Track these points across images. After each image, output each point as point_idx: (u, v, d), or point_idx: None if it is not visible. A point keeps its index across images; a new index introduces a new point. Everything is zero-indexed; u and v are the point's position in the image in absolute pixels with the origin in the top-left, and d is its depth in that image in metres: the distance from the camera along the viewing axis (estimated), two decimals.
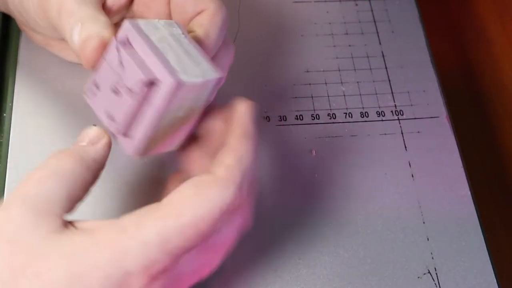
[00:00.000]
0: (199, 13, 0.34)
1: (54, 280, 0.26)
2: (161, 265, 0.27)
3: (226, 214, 0.28)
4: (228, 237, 0.31)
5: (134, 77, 0.29)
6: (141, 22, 0.31)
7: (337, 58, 0.47)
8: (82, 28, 0.32)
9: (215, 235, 0.29)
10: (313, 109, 0.44)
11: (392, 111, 0.45)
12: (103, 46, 0.31)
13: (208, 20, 0.34)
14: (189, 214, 0.27)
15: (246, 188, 0.30)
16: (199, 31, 0.34)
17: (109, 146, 0.31)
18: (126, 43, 0.30)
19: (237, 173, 0.29)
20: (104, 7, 0.36)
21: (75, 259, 0.26)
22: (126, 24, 0.30)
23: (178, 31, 0.32)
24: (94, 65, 0.31)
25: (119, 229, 0.27)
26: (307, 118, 0.44)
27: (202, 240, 0.28)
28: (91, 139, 0.31)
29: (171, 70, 0.28)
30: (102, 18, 0.33)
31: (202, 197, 0.28)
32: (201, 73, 0.30)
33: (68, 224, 0.28)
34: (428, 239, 0.39)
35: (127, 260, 0.26)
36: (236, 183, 0.29)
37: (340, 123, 0.44)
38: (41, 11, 0.35)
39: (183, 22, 0.35)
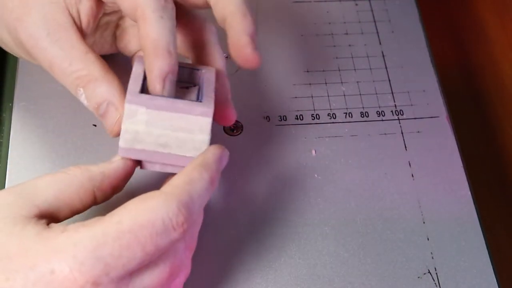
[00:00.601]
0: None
1: None
2: (89, 271, 0.26)
3: (169, 229, 0.28)
4: (178, 255, 0.30)
5: None
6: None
7: (337, 58, 0.47)
8: (86, 93, 0.34)
9: (164, 257, 0.29)
10: (313, 109, 0.44)
11: (392, 111, 0.45)
12: (120, 116, 0.33)
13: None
14: (127, 221, 0.27)
15: (195, 212, 0.30)
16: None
17: (124, 168, 0.32)
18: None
19: (183, 192, 0.29)
20: (83, 32, 0.36)
21: (11, 244, 0.27)
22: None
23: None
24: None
25: (62, 229, 0.27)
26: (307, 118, 0.44)
27: (145, 252, 0.27)
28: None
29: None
30: (95, 66, 0.34)
31: (144, 207, 0.28)
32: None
33: (40, 220, 0.28)
34: (428, 239, 0.39)
35: (54, 258, 0.26)
36: (181, 200, 0.28)
37: (340, 123, 0.44)
38: (31, 59, 0.37)
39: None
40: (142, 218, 0.27)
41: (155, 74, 0.32)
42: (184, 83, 0.36)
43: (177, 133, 0.33)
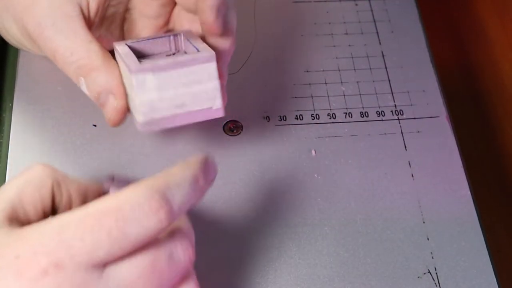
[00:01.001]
0: None
1: None
2: (51, 252, 0.25)
3: (141, 216, 0.26)
4: (164, 260, 0.28)
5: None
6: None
7: (337, 58, 0.47)
8: (86, 82, 0.35)
9: (144, 249, 0.27)
10: (313, 109, 0.44)
11: (392, 111, 0.45)
12: (124, 113, 0.34)
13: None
14: (93, 206, 0.27)
15: (175, 204, 0.27)
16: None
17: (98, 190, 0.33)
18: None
19: (159, 180, 0.28)
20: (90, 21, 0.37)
21: None
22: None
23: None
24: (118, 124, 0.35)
25: (30, 224, 0.27)
26: (307, 118, 0.44)
27: (112, 240, 0.26)
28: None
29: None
30: (97, 55, 0.34)
31: (112, 196, 0.27)
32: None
33: (12, 223, 0.28)
34: (428, 239, 0.39)
35: (19, 244, 0.26)
36: (155, 187, 0.27)
37: (340, 123, 0.44)
38: (37, 49, 0.38)
39: None
40: (109, 203, 0.26)
41: (209, 4, 0.33)
42: (167, 53, 0.37)
43: (188, 89, 0.33)
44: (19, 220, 0.29)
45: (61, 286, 0.25)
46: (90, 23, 0.37)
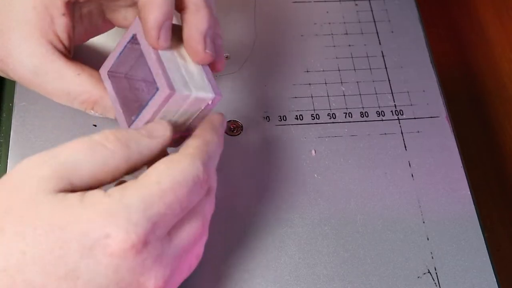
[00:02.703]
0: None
1: (34, 229, 0.27)
2: (142, 231, 0.27)
3: (198, 186, 0.30)
4: (205, 213, 0.32)
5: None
6: None
7: (337, 58, 0.47)
8: (95, 111, 0.36)
9: (195, 213, 0.31)
10: (313, 109, 0.44)
11: (392, 111, 0.45)
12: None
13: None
14: (167, 180, 0.29)
15: (212, 171, 0.32)
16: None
17: (163, 145, 0.32)
18: (134, 41, 0.34)
19: (203, 152, 0.31)
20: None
21: (58, 215, 0.27)
22: (136, 22, 0.34)
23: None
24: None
25: (105, 194, 0.28)
26: (307, 118, 0.44)
27: (181, 209, 0.29)
28: (151, 131, 0.32)
29: (168, 80, 0.32)
30: (92, 85, 0.35)
31: (176, 167, 0.29)
32: (196, 89, 0.33)
33: (69, 191, 0.29)
34: (428, 239, 0.39)
35: (108, 222, 0.27)
36: (202, 159, 0.30)
37: (340, 123, 0.44)
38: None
39: None
40: (179, 177, 0.29)
41: (150, 26, 0.33)
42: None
43: (183, 113, 0.34)
44: (81, 190, 0.29)
45: (146, 260, 0.28)
46: (68, 48, 0.37)
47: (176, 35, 0.35)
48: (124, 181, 0.30)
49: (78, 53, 0.38)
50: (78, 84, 0.35)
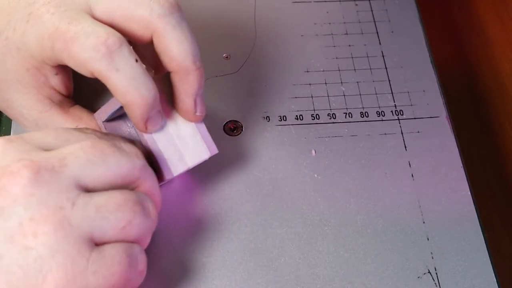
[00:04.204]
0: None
1: None
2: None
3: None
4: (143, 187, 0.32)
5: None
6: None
7: (337, 58, 0.47)
8: None
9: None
10: (313, 109, 0.44)
11: (392, 111, 0.45)
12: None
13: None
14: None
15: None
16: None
17: None
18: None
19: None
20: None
21: None
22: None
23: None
24: None
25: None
26: (307, 118, 0.44)
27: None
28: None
29: (165, 166, 0.35)
30: (95, 135, 0.36)
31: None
32: (191, 158, 0.36)
33: None
34: (428, 239, 0.39)
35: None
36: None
37: (340, 123, 0.44)
38: None
39: None
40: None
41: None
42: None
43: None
44: None
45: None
46: (68, 95, 0.38)
47: (163, 88, 0.36)
48: None
49: None
50: (77, 134, 0.36)
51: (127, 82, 0.32)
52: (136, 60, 0.32)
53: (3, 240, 0.27)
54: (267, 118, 0.44)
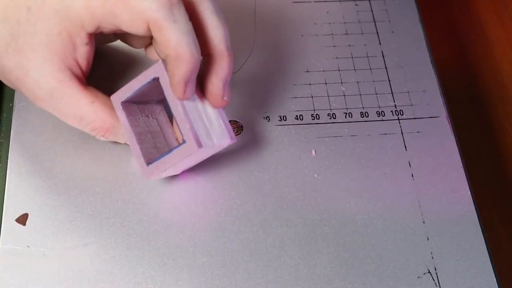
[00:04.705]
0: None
1: None
2: None
3: None
4: None
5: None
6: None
7: (337, 58, 0.47)
8: (109, 139, 0.38)
9: None
10: (313, 109, 0.44)
11: (392, 111, 0.45)
12: None
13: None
14: None
15: None
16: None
17: None
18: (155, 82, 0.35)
19: None
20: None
21: None
22: (159, 65, 0.35)
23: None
24: None
25: None
26: (307, 118, 0.44)
27: None
28: None
29: (195, 136, 0.34)
30: (105, 113, 0.37)
31: None
32: (217, 138, 0.36)
33: None
34: (428, 239, 0.39)
35: None
36: None
37: (340, 123, 0.44)
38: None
39: None
40: None
41: (178, 80, 0.34)
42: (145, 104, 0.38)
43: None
44: None
45: None
46: (86, 73, 0.38)
47: None
48: None
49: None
50: (92, 112, 0.36)
51: (182, 36, 0.33)
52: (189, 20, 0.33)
53: None
54: (267, 118, 0.44)
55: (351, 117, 0.44)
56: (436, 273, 0.38)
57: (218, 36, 0.35)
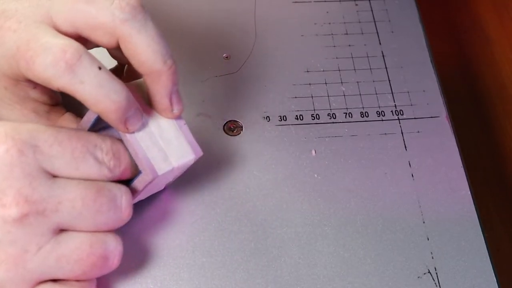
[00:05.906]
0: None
1: None
2: (19, 140, 0.29)
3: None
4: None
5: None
6: None
7: (337, 58, 0.47)
8: None
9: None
10: (313, 109, 0.44)
11: (392, 111, 0.45)
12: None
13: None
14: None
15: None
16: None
17: None
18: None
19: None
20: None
21: None
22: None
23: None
24: None
25: None
26: (307, 118, 0.44)
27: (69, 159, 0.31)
28: None
29: (149, 165, 0.33)
30: None
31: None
32: (176, 158, 0.35)
33: None
34: (428, 239, 0.39)
35: None
36: None
37: (340, 123, 0.44)
38: None
39: None
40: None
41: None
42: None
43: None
44: None
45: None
46: (55, 102, 0.37)
47: (140, 91, 0.35)
48: None
49: None
50: None
51: (95, 92, 0.31)
52: (100, 68, 0.31)
53: None
54: (267, 118, 0.44)
55: (351, 117, 0.44)
56: (436, 273, 0.38)
57: (151, 55, 0.32)
